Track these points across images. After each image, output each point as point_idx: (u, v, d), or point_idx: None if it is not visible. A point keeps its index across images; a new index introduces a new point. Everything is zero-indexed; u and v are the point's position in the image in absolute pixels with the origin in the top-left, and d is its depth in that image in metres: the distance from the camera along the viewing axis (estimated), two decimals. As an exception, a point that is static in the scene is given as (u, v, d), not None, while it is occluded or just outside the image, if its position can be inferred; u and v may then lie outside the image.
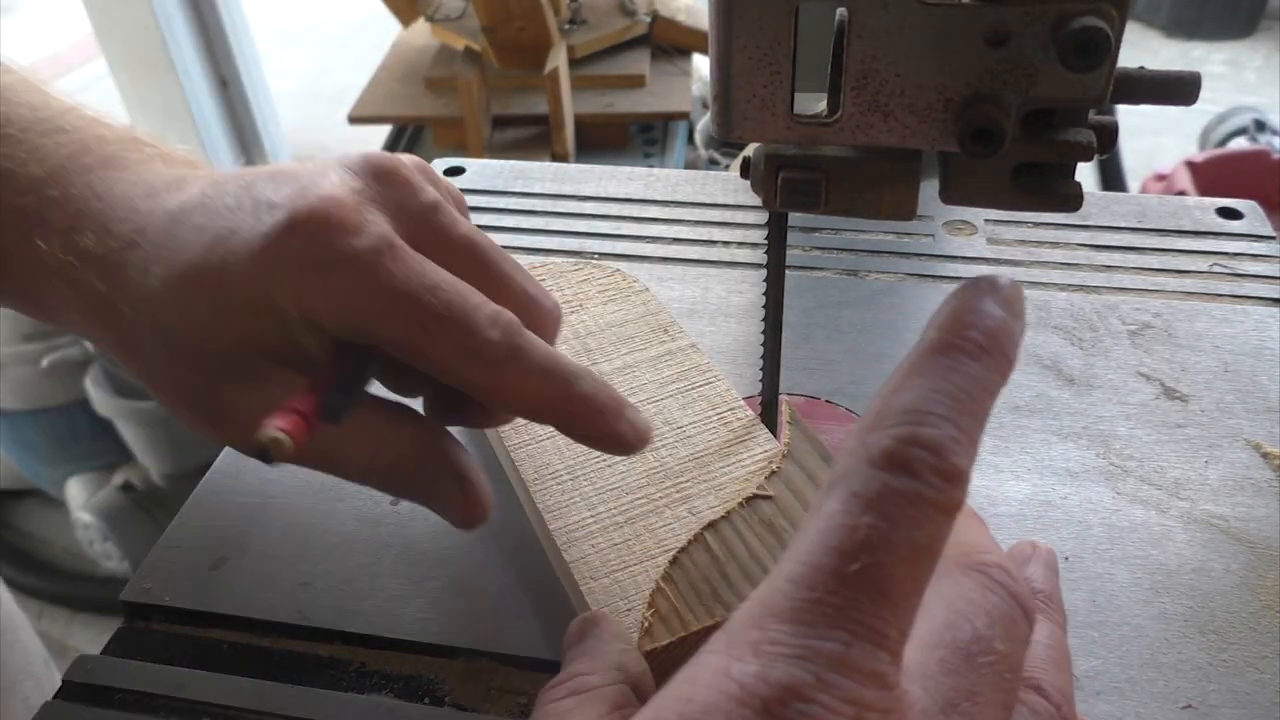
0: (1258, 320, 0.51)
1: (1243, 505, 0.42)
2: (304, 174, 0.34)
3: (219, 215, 0.33)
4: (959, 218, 0.59)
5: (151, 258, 0.33)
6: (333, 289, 0.31)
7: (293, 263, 0.31)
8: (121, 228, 0.34)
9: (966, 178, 0.34)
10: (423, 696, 0.36)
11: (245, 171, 0.35)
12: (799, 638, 0.20)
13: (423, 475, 0.34)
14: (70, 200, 0.34)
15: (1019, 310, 0.26)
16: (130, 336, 0.34)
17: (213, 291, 0.32)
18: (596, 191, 0.63)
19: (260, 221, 0.32)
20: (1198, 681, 0.35)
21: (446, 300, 0.31)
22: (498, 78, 1.29)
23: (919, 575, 0.21)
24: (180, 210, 0.33)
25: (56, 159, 0.35)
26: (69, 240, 0.34)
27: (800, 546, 0.21)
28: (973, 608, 0.25)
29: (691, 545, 0.34)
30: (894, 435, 0.22)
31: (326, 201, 0.31)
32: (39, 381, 1.45)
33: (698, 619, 0.31)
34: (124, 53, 1.64)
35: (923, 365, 0.24)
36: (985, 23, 0.30)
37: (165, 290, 0.32)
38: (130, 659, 0.38)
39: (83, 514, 1.54)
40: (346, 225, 0.31)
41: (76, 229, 0.34)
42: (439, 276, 0.32)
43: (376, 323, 0.31)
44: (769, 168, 0.35)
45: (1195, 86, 0.32)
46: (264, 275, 0.31)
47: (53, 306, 0.36)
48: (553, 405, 0.32)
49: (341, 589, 0.39)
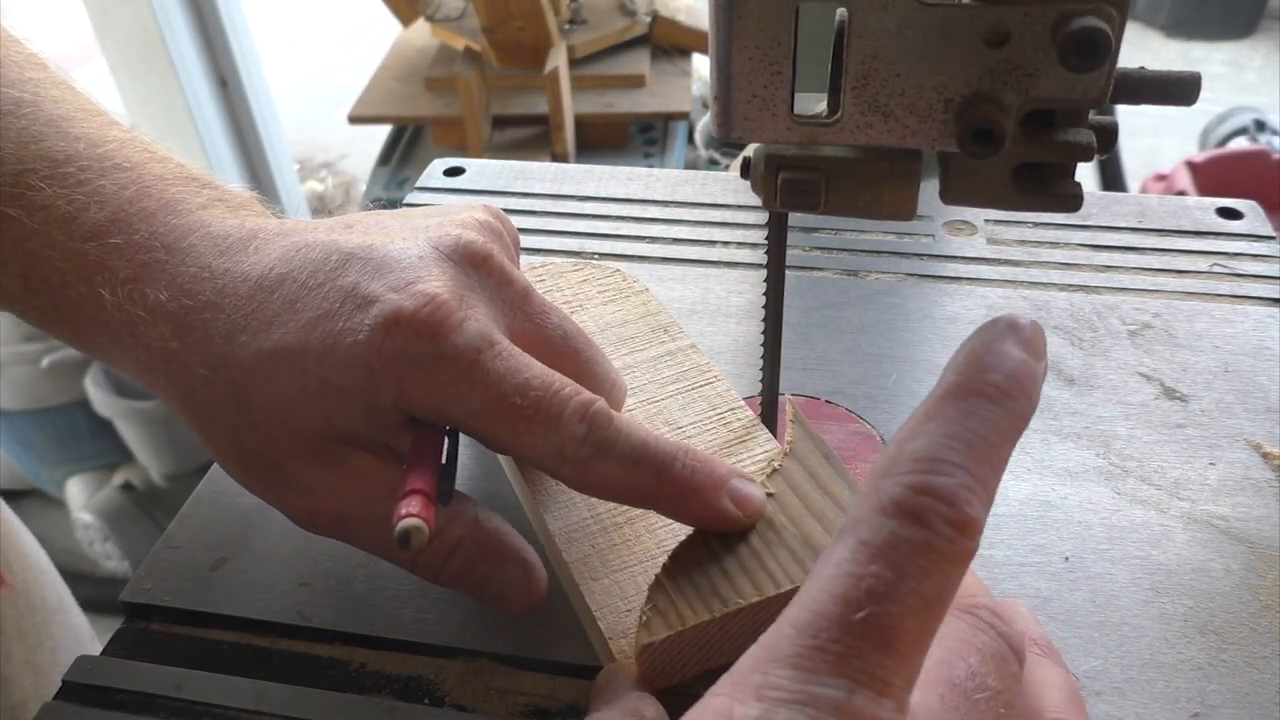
0: (1258, 320, 0.51)
1: (1243, 505, 0.42)
2: (397, 260, 0.34)
3: (309, 293, 0.34)
4: (959, 218, 0.59)
5: (237, 325, 0.34)
6: (434, 385, 0.32)
7: (395, 358, 0.32)
8: (196, 286, 0.34)
9: (966, 178, 0.34)
10: (423, 696, 0.36)
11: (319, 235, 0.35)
12: (800, 683, 0.20)
13: (487, 560, 0.35)
14: (133, 248, 0.35)
15: (1040, 351, 0.25)
16: (199, 395, 0.34)
17: (305, 373, 0.33)
18: (596, 191, 0.63)
19: (362, 314, 0.33)
20: (1198, 682, 0.35)
21: (536, 400, 0.32)
22: (498, 78, 1.29)
23: (926, 625, 0.21)
24: (263, 279, 0.34)
25: (117, 202, 0.35)
26: (136, 292, 0.34)
27: (807, 594, 0.22)
28: (965, 647, 0.25)
29: (690, 541, 0.34)
30: (905, 483, 0.22)
31: (429, 300, 0.33)
32: (39, 381, 1.45)
33: (695, 614, 0.31)
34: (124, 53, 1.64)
35: (939, 410, 0.23)
36: (985, 23, 0.30)
37: (255, 363, 0.33)
38: (130, 659, 0.38)
39: (83, 514, 1.54)
40: (449, 324, 0.32)
41: (142, 280, 0.34)
42: (531, 373, 0.33)
43: (473, 419, 0.33)
44: (769, 168, 0.35)
45: (1195, 86, 0.32)
46: (365, 368, 0.32)
47: (108, 350, 0.36)
48: (643, 493, 0.33)
49: (341, 589, 0.39)
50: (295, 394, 0.33)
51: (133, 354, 0.35)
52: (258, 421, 0.33)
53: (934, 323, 0.52)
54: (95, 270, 0.34)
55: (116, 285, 0.34)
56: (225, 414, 0.34)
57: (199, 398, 0.34)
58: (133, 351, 0.35)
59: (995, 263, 0.56)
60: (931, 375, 0.49)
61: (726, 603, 0.32)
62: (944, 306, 0.53)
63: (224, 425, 0.34)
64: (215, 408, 0.34)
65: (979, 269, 0.55)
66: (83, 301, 0.35)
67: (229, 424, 0.34)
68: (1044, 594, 0.38)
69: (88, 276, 0.34)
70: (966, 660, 0.25)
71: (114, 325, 0.34)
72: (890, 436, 0.46)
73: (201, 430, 0.35)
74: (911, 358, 0.50)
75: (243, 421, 0.34)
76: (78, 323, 0.35)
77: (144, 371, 0.35)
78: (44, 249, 0.35)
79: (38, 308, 0.36)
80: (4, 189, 0.35)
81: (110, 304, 0.34)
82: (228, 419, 0.34)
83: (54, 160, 0.35)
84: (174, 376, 0.34)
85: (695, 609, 0.32)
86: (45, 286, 0.35)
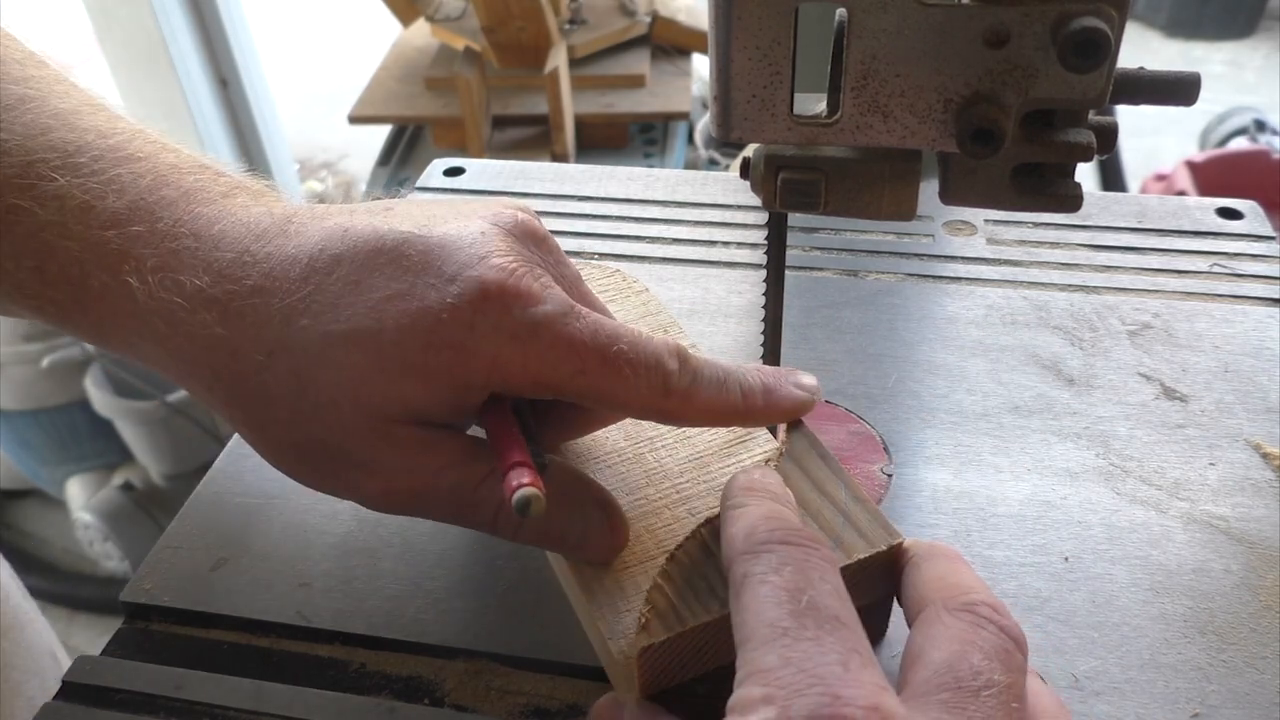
0: (1257, 320, 0.51)
1: (1242, 505, 0.42)
2: (459, 237, 0.33)
3: (371, 274, 0.33)
4: (959, 218, 0.59)
5: (294, 309, 0.32)
6: (531, 355, 0.32)
7: (490, 333, 0.32)
8: (239, 271, 0.33)
9: (966, 178, 0.34)
10: (423, 696, 0.36)
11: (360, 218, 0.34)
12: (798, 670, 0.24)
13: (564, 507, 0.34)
14: (158, 236, 0.34)
15: None
16: (250, 384, 0.33)
17: (381, 355, 0.32)
18: (596, 192, 0.63)
19: (439, 292, 0.32)
20: (1197, 682, 0.35)
21: (632, 345, 0.33)
22: (498, 78, 1.29)
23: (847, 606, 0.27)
24: (314, 261, 0.33)
25: (135, 191, 0.34)
26: (169, 279, 0.33)
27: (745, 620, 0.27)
28: (967, 646, 0.26)
29: (689, 542, 0.34)
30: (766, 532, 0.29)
31: (511, 272, 0.32)
32: (39, 381, 1.45)
33: (694, 615, 0.31)
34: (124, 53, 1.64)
35: None
36: (985, 23, 0.30)
37: (321, 347, 0.32)
38: (130, 659, 0.38)
39: (83, 514, 1.54)
40: (535, 292, 0.32)
41: (172, 267, 0.33)
42: (612, 326, 0.33)
43: (574, 380, 0.33)
44: (769, 168, 0.35)
45: (1195, 86, 0.32)
46: (454, 346, 0.32)
47: (136, 342, 0.34)
48: (733, 408, 0.35)
49: (341, 589, 0.39)
50: (368, 376, 0.32)
51: (170, 344, 0.33)
52: (323, 406, 0.32)
53: (934, 323, 0.52)
54: (118, 259, 0.33)
55: (146, 273, 0.33)
56: (283, 401, 0.33)
57: (250, 386, 0.33)
58: (170, 342, 0.33)
59: (995, 263, 0.56)
60: (931, 375, 0.49)
61: (725, 604, 0.32)
62: (944, 306, 0.53)
63: (281, 414, 0.33)
64: (270, 396, 0.33)
65: (979, 269, 0.55)
66: (106, 292, 0.33)
67: (287, 412, 0.33)
68: (1044, 594, 0.38)
69: (111, 265, 0.33)
70: (970, 660, 0.25)
71: (145, 315, 0.33)
72: (890, 437, 0.46)
73: (250, 422, 0.34)
74: (911, 358, 0.50)
75: (304, 408, 0.32)
76: (101, 314, 0.34)
77: (181, 363, 0.34)
78: (60, 239, 0.33)
79: (54, 301, 0.34)
80: (12, 181, 0.33)
81: (141, 292, 0.33)
82: (286, 406, 0.33)
83: (64, 151, 0.34)
84: (220, 366, 0.33)
85: (694, 610, 0.32)
86: (63, 278, 0.34)
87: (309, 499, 0.43)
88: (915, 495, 0.43)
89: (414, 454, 0.33)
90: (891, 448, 0.45)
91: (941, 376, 0.49)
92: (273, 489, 0.44)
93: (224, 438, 0.53)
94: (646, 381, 0.33)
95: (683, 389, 0.34)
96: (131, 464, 1.58)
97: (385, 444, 0.33)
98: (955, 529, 0.41)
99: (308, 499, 0.43)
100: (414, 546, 0.41)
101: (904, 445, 0.45)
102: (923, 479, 0.43)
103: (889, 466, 0.44)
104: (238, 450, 0.46)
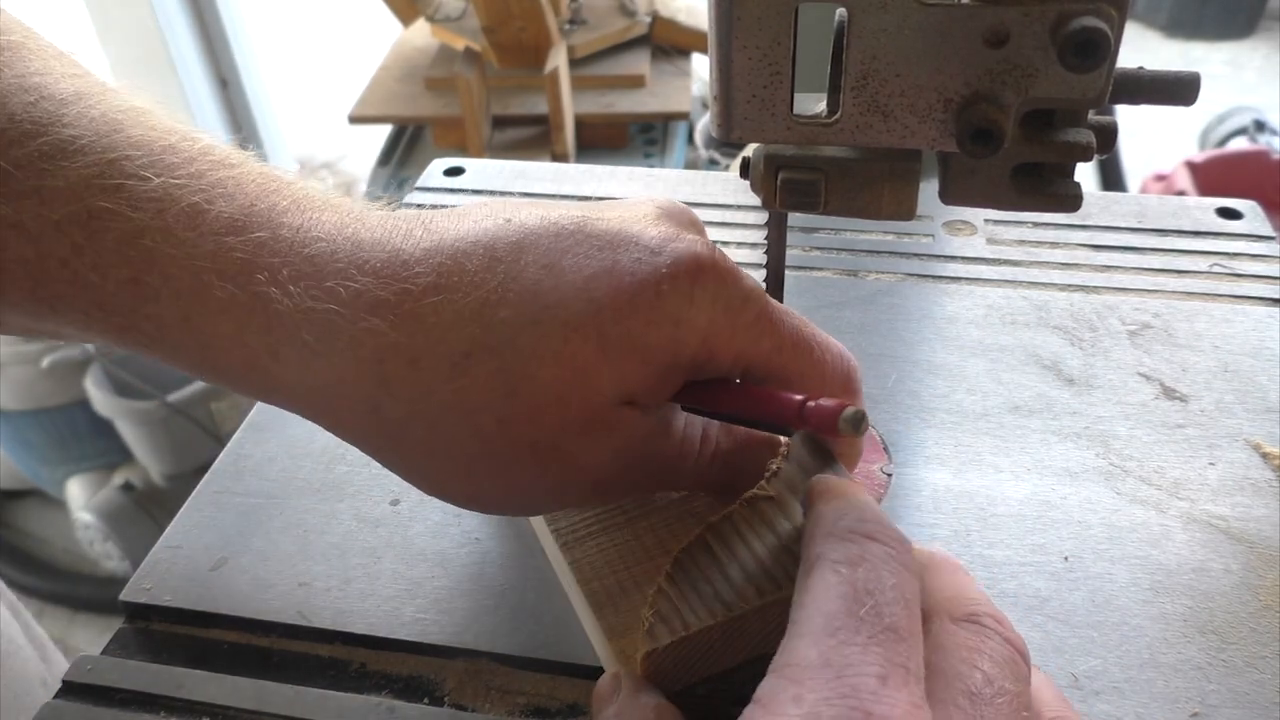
0: (1257, 320, 0.51)
1: (1242, 505, 0.42)
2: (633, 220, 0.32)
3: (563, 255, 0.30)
4: (959, 218, 0.59)
5: (486, 301, 0.29)
6: (740, 328, 0.31)
7: (706, 305, 0.30)
8: (403, 271, 0.29)
9: (966, 178, 0.34)
10: (423, 696, 0.36)
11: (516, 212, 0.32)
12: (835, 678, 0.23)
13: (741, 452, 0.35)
14: (283, 243, 0.30)
15: None
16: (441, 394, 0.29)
17: (604, 336, 0.29)
18: (596, 191, 0.63)
19: (648, 266, 0.30)
20: (1197, 681, 0.35)
21: (813, 330, 0.33)
22: (498, 78, 1.29)
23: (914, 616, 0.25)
24: (494, 247, 0.30)
25: (244, 197, 0.30)
26: (316, 288, 0.29)
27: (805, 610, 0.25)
28: (976, 655, 0.26)
29: (692, 545, 0.34)
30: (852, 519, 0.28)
31: (710, 246, 0.32)
32: (39, 381, 1.45)
33: (699, 619, 0.31)
34: (124, 53, 1.64)
35: None
36: (985, 23, 0.30)
37: (533, 337, 0.29)
38: (130, 659, 0.38)
39: (83, 514, 1.54)
40: (735, 269, 0.32)
41: (316, 275, 0.29)
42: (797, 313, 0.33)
43: (772, 356, 0.32)
44: (769, 168, 0.35)
45: (1195, 86, 0.32)
46: (673, 320, 0.30)
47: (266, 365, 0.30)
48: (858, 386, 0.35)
49: (341, 589, 0.39)
50: (593, 360, 0.29)
51: (326, 360, 0.29)
52: (541, 404, 0.29)
53: (934, 323, 0.52)
54: (245, 268, 0.29)
55: (285, 282, 0.29)
56: (487, 411, 0.29)
57: (439, 402, 0.29)
58: (326, 357, 0.29)
59: (995, 263, 0.56)
60: (931, 375, 0.49)
61: (730, 607, 0.32)
62: (944, 306, 0.53)
63: (485, 425, 0.29)
64: (469, 407, 0.29)
65: (979, 269, 0.55)
66: (233, 305, 0.29)
67: (493, 421, 0.29)
68: (1043, 594, 0.38)
69: (237, 275, 0.29)
70: (980, 668, 0.25)
71: (288, 328, 0.29)
72: (889, 437, 0.46)
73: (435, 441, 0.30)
74: (911, 358, 0.50)
75: (517, 409, 0.29)
76: (216, 332, 0.30)
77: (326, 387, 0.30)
78: (165, 246, 0.29)
79: (152, 318, 0.30)
80: (92, 182, 0.29)
81: (284, 303, 0.29)
82: (491, 415, 0.29)
83: (149, 149, 0.30)
84: (394, 379, 0.29)
85: (699, 614, 0.32)
86: (169, 291, 0.29)
87: (309, 499, 0.43)
88: (915, 495, 0.43)
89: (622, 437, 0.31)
90: (891, 447, 0.45)
91: (941, 376, 0.49)
92: (273, 489, 0.44)
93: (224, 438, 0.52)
94: (833, 358, 0.33)
95: (850, 370, 0.34)
96: (131, 464, 1.59)
97: (601, 431, 0.30)
98: (955, 529, 0.41)
99: (308, 499, 0.43)
100: (414, 546, 0.41)
101: (904, 445, 0.45)
102: (922, 479, 0.43)
103: (889, 466, 0.44)
104: (238, 450, 0.46)
